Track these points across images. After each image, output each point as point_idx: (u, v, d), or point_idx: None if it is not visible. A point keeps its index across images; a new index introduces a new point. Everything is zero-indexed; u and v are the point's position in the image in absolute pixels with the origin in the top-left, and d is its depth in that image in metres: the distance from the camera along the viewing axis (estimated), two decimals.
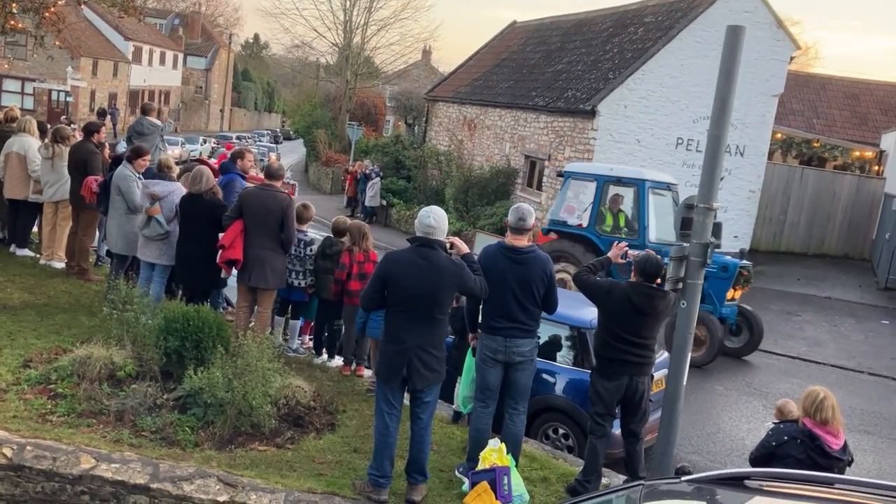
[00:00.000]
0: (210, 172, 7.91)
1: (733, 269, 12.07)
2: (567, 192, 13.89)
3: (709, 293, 11.79)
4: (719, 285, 11.99)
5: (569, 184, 13.89)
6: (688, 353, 6.05)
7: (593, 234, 13.00)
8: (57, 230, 9.77)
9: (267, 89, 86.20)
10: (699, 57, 18.43)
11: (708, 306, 11.78)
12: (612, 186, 13.22)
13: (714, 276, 11.80)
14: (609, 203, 13.23)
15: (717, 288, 11.97)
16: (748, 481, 2.77)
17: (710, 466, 7.99)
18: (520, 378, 5.88)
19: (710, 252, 5.84)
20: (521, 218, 5.85)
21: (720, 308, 12.00)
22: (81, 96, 45.22)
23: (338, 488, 5.43)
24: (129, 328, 6.79)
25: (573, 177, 13.93)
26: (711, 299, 11.92)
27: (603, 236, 12.87)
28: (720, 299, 12.02)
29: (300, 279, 7.84)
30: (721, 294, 12.02)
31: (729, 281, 12.04)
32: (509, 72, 26.25)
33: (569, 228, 13.32)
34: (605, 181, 13.18)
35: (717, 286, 11.94)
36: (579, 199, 13.77)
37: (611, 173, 13.42)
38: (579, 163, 16.05)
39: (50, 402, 6.10)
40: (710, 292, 11.82)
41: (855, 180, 23.06)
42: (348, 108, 39.21)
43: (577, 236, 13.18)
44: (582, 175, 13.87)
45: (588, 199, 13.39)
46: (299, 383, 6.72)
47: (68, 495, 5.24)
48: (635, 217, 13.00)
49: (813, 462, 5.08)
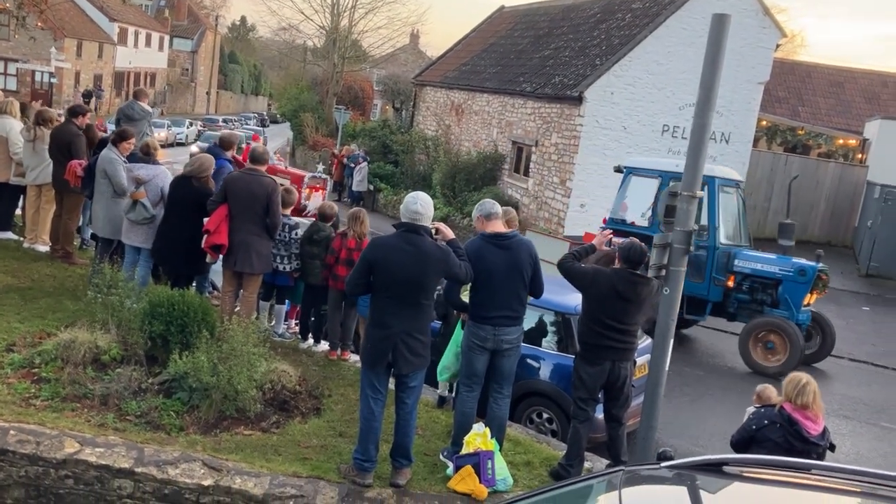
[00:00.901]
0: (212, 162, 7.89)
1: (811, 273, 11.47)
2: (626, 189, 12.96)
3: (785, 298, 11.46)
4: (797, 290, 11.45)
5: (628, 180, 12.98)
6: (670, 339, 6.12)
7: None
8: (40, 213, 9.70)
9: (254, 72, 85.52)
10: (686, 44, 18.44)
11: (784, 312, 11.40)
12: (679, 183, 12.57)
13: (791, 279, 11.46)
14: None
15: (795, 293, 11.46)
16: (726, 467, 2.81)
17: (692, 451, 8.09)
18: (505, 363, 5.93)
19: (693, 239, 5.88)
20: (490, 207, 5.93)
21: (797, 314, 11.39)
22: (66, 77, 44.69)
23: (323, 472, 5.46)
24: (113, 312, 6.76)
25: (633, 173, 13.00)
26: (788, 304, 11.43)
27: None
28: (797, 305, 11.44)
29: (285, 264, 7.83)
30: (798, 299, 11.46)
31: (807, 286, 11.47)
32: (497, 57, 26.18)
33: (630, 228, 12.25)
34: (670, 178, 11.85)
35: (794, 291, 11.45)
36: (639, 196, 12.78)
37: (676, 169, 12.02)
38: (640, 157, 14.56)
39: (34, 387, 6.08)
40: (787, 297, 11.41)
41: (838, 168, 23.24)
42: (335, 92, 38.97)
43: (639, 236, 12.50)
44: (643, 171, 12.94)
45: (650, 197, 12.42)
46: (285, 368, 6.73)
47: (52, 479, 5.24)
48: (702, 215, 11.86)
49: (790, 446, 5.16)
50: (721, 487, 2.76)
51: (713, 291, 11.87)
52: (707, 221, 11.92)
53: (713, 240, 11.86)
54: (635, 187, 12.96)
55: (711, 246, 11.72)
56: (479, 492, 5.42)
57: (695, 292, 11.74)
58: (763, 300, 11.78)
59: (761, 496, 2.76)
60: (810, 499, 2.76)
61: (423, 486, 5.56)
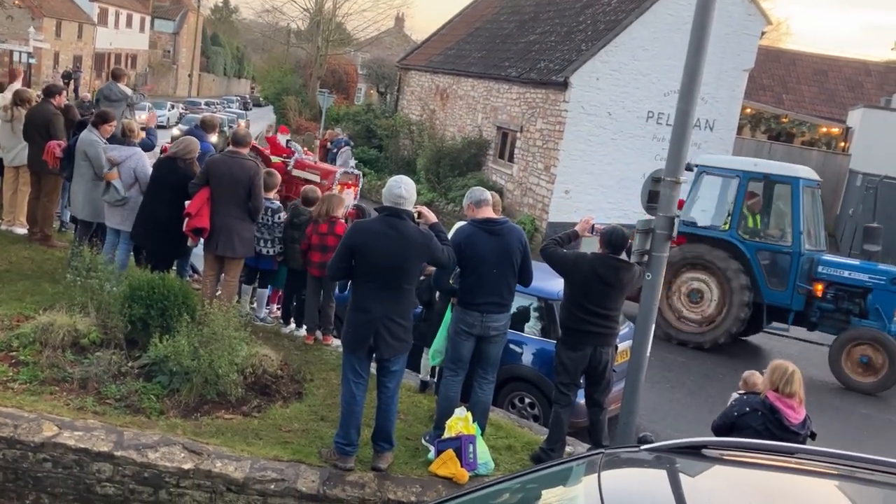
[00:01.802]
0: (196, 145, 7.80)
1: None
2: (699, 190, 12.04)
3: (875, 308, 10.71)
4: (889, 299, 10.70)
5: (702, 179, 12.03)
6: (651, 325, 6.15)
7: (736, 239, 11.44)
8: (18, 195, 9.57)
9: (236, 54, 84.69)
10: (672, 30, 18.42)
11: (875, 323, 10.69)
12: (757, 184, 11.63)
13: (882, 288, 10.72)
14: (751, 203, 11.61)
15: (887, 302, 10.69)
16: (706, 450, 2.83)
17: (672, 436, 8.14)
18: (492, 350, 5.94)
19: (676, 225, 5.89)
20: (480, 194, 5.92)
21: (890, 325, 10.64)
22: (45, 58, 44.04)
23: (304, 456, 5.46)
24: (93, 295, 6.70)
25: (707, 172, 12.02)
26: (879, 315, 10.66)
27: (747, 241, 11.44)
28: (889, 316, 10.66)
29: (268, 247, 7.78)
30: (891, 309, 10.71)
31: None
32: (482, 41, 26.07)
33: (706, 231, 11.66)
34: (749, 178, 11.53)
35: (886, 300, 10.69)
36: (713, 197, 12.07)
37: (756, 169, 11.76)
38: (715, 155, 13.57)
39: (11, 370, 6.02)
40: (878, 307, 10.65)
41: (821, 156, 23.39)
42: (319, 75, 38.73)
43: (715, 240, 11.55)
44: (719, 170, 12.02)
45: (727, 198, 11.75)
46: (266, 352, 6.70)
47: (30, 462, 5.20)
48: (785, 220, 11.46)
49: (771, 434, 5.20)
50: (701, 470, 2.78)
51: (796, 300, 11.17)
52: (790, 225, 11.27)
53: (798, 245, 11.10)
54: (708, 187, 12.08)
55: (796, 252, 11.03)
56: (460, 475, 5.44)
57: (776, 301, 11.27)
58: (849, 310, 11.04)
59: (740, 479, 2.77)
60: (789, 481, 2.78)
61: (404, 469, 5.57)
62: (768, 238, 11.64)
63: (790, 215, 11.29)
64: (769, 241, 11.55)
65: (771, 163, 12.78)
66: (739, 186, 11.52)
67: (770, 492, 2.68)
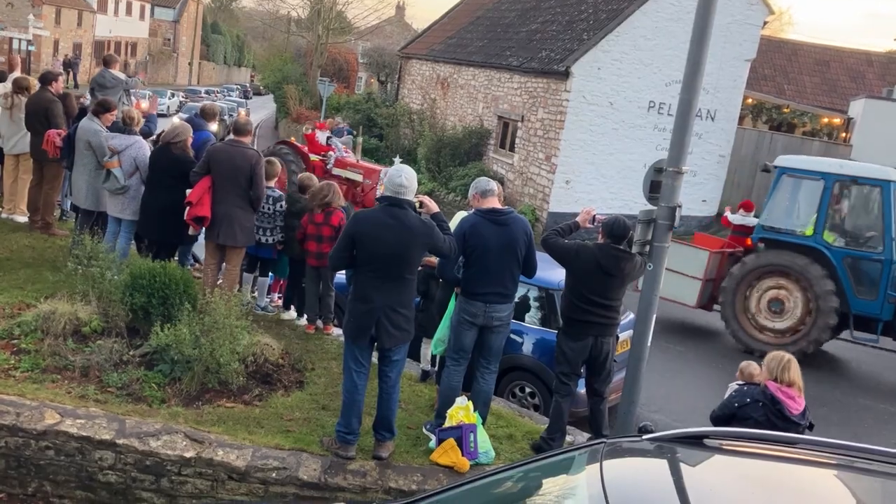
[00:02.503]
0: (188, 128, 7.80)
1: None
2: (779, 192, 11.45)
3: None
4: None
5: (782, 181, 11.43)
6: (653, 315, 6.15)
7: (822, 245, 10.88)
8: (18, 183, 9.56)
9: (237, 43, 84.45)
10: (674, 20, 18.37)
11: None
12: (844, 186, 11.08)
13: None
14: (836, 207, 11.10)
15: None
16: (707, 440, 2.84)
17: (672, 426, 8.17)
18: (494, 340, 5.94)
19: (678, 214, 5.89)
20: (486, 184, 5.92)
21: None
22: (44, 46, 43.92)
23: (305, 445, 5.47)
24: (94, 284, 6.70)
25: (788, 173, 11.39)
26: None
27: (834, 248, 10.87)
28: None
29: (269, 236, 7.78)
30: None
31: None
32: (483, 30, 25.98)
33: (787, 237, 11.13)
34: (835, 180, 10.91)
35: None
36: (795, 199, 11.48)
37: (842, 170, 11.09)
38: (796, 156, 12.58)
39: (13, 358, 6.03)
40: None
41: (823, 147, 23.29)
42: (320, 64, 38.59)
43: (798, 246, 11.03)
44: (802, 172, 11.33)
45: (810, 201, 11.17)
46: (268, 341, 6.71)
47: (32, 450, 5.21)
48: (875, 224, 10.85)
49: (772, 425, 5.21)
50: (702, 460, 2.79)
51: (886, 309, 10.64)
52: (882, 231, 10.66)
53: (890, 252, 10.52)
54: (789, 190, 11.49)
55: (887, 259, 10.49)
56: (461, 464, 5.46)
57: (864, 310, 10.77)
58: None
59: (741, 468, 2.79)
60: (790, 471, 2.80)
61: (405, 458, 5.58)
62: (856, 244, 10.99)
63: (881, 220, 10.69)
64: (857, 248, 10.92)
65: (857, 164, 11.89)
66: (824, 189, 10.91)
67: (771, 481, 2.69)
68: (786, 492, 2.63)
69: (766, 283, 11.38)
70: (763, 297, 11.40)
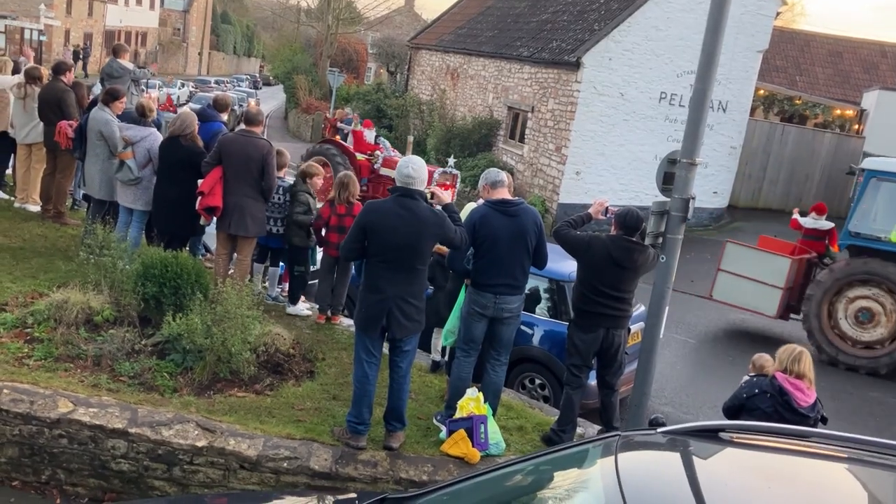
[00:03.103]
0: (193, 117, 7.79)
1: None
2: (867, 196, 10.92)
3: None
4: None
5: (870, 185, 10.88)
6: (665, 307, 6.12)
7: None
8: (31, 173, 9.59)
9: (246, 33, 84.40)
10: (685, 10, 18.25)
11: None
12: None
13: None
14: None
15: None
16: (722, 434, 2.83)
17: (682, 418, 8.16)
18: (504, 331, 5.92)
19: (691, 207, 5.85)
20: (496, 175, 5.90)
21: None
22: (55, 35, 44.00)
23: (316, 434, 5.48)
24: (106, 273, 6.72)
25: (878, 177, 10.80)
26: None
27: None
28: None
29: (279, 226, 7.78)
30: None
31: None
32: (494, 20, 25.87)
33: (878, 244, 10.62)
34: None
35: None
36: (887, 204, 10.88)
37: None
38: (886, 158, 11.91)
39: (27, 346, 6.06)
40: None
41: (835, 139, 23.18)
42: (329, 54, 38.56)
43: (890, 254, 10.55)
44: (893, 175, 10.75)
45: None
46: (279, 331, 6.73)
47: (46, 439, 5.24)
48: None
49: (779, 417, 5.20)
50: (716, 453, 2.78)
51: None
52: None
53: None
54: (880, 194, 10.90)
55: None
56: (471, 455, 5.46)
57: None
58: None
59: (755, 462, 2.78)
60: (803, 465, 2.79)
61: (416, 449, 5.59)
62: None
63: None
64: None
65: None
66: None
67: (785, 475, 2.68)
68: (799, 485, 2.62)
69: (854, 293, 10.88)
70: (850, 308, 10.91)
